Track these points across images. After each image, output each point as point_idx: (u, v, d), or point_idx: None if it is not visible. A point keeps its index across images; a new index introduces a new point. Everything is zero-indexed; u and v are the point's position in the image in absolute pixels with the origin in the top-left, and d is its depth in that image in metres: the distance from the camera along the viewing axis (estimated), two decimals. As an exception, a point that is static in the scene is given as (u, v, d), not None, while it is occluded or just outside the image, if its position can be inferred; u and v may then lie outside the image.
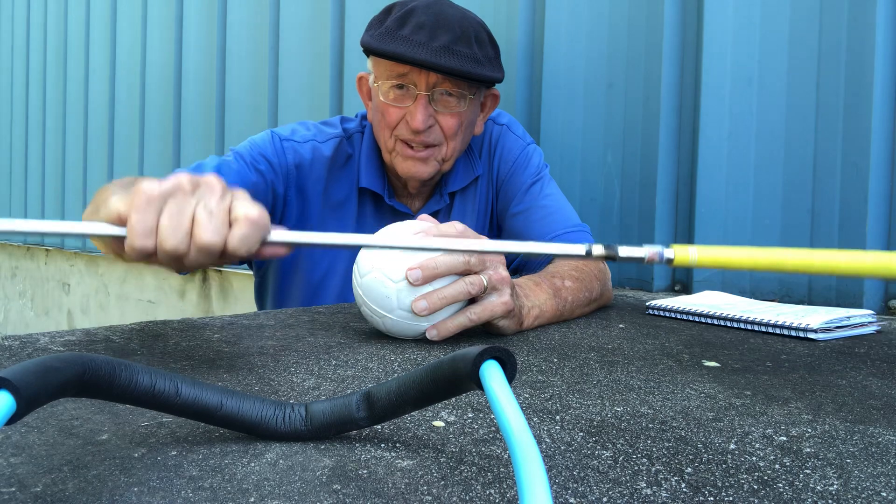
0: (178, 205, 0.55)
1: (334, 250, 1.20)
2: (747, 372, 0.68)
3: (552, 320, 0.91)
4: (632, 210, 1.48)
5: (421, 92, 1.08)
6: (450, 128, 1.11)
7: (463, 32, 1.07)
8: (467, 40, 1.07)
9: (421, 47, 1.04)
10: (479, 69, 1.07)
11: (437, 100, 1.10)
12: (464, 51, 1.06)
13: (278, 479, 0.38)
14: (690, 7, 1.40)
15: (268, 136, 1.16)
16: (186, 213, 0.55)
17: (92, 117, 3.05)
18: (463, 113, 1.12)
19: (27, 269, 3.59)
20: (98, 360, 0.39)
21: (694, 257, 0.58)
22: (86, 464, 0.40)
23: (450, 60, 1.05)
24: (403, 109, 1.10)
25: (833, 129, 1.24)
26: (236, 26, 2.35)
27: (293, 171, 1.16)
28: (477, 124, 1.19)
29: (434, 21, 1.06)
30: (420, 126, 1.08)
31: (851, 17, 1.22)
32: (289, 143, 1.16)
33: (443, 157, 1.14)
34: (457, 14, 1.10)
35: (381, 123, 1.13)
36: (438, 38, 1.05)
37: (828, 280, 1.25)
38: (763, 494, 0.38)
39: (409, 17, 1.07)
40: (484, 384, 0.37)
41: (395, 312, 0.75)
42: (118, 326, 0.78)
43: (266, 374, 0.61)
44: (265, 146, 1.14)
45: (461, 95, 1.10)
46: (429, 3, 1.10)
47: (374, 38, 1.09)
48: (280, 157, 1.14)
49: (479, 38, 1.10)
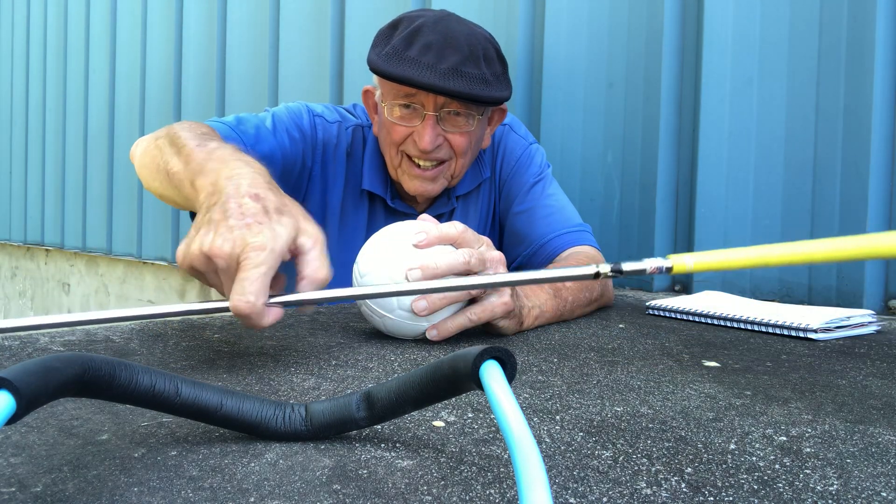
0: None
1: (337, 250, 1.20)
2: (747, 372, 0.68)
3: (552, 320, 0.91)
4: (632, 210, 1.48)
5: (429, 112, 1.07)
6: (459, 146, 1.10)
7: (471, 52, 1.05)
8: (476, 60, 1.05)
9: (429, 70, 1.02)
10: (487, 91, 1.05)
11: (444, 119, 1.08)
12: (472, 72, 1.04)
13: (278, 479, 0.38)
14: (690, 7, 1.40)
15: (303, 107, 1.17)
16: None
17: (92, 117, 3.05)
18: (472, 132, 1.11)
19: (27, 269, 3.59)
20: (98, 360, 0.39)
21: (690, 265, 0.62)
22: (86, 464, 0.40)
23: (458, 84, 1.03)
24: (411, 128, 1.09)
25: (833, 129, 1.24)
26: (236, 25, 2.35)
27: (320, 147, 1.16)
28: (484, 138, 1.18)
29: (442, 41, 1.04)
30: (428, 147, 1.07)
31: (851, 18, 1.22)
32: (320, 119, 1.17)
33: (452, 174, 1.14)
34: (464, 31, 1.07)
35: (386, 140, 1.12)
36: (447, 59, 1.03)
37: (828, 280, 1.25)
38: (763, 494, 0.38)
39: (417, 36, 1.05)
40: (484, 384, 0.37)
41: (395, 312, 0.75)
42: (118, 326, 0.78)
43: (266, 374, 0.61)
44: (301, 117, 1.15)
45: (469, 115, 1.09)
46: (436, 19, 1.07)
47: (381, 59, 1.06)
48: (312, 130, 1.15)
49: (488, 56, 1.08)
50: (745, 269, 1.34)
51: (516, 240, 1.21)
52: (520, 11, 1.63)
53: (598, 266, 0.60)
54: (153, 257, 2.71)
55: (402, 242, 0.76)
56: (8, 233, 3.69)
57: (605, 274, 0.60)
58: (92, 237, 3.06)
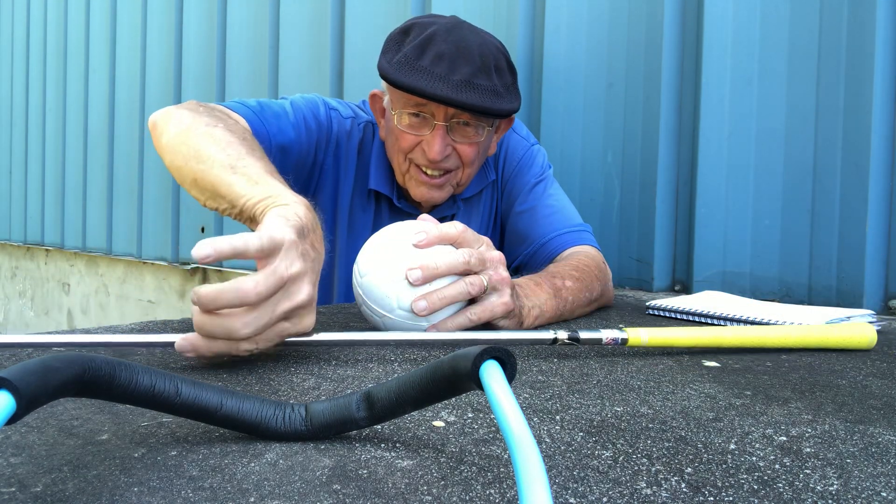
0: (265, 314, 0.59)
1: (340, 250, 1.20)
2: (747, 372, 0.68)
3: (552, 320, 0.91)
4: (632, 210, 1.48)
5: (439, 122, 1.07)
6: (467, 156, 1.10)
7: (483, 63, 1.04)
8: (487, 71, 1.05)
9: (440, 81, 1.02)
10: (498, 103, 1.05)
11: (454, 129, 1.08)
12: (484, 84, 1.04)
13: (278, 479, 0.38)
14: (690, 7, 1.40)
15: (318, 99, 1.17)
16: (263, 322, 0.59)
17: (92, 117, 3.05)
18: (481, 142, 1.11)
19: (27, 269, 3.59)
20: (98, 360, 0.39)
21: (644, 339, 0.71)
22: (86, 464, 0.40)
23: (470, 96, 1.02)
24: (420, 137, 1.09)
25: (833, 129, 1.24)
26: (236, 26, 2.35)
27: (334, 140, 1.16)
28: (491, 146, 1.19)
29: (454, 51, 1.03)
30: (437, 157, 1.07)
31: (851, 17, 1.22)
32: (335, 112, 1.17)
33: (458, 182, 1.14)
34: (477, 41, 1.06)
35: (394, 147, 1.12)
36: (458, 70, 1.02)
37: (828, 280, 1.25)
38: (763, 494, 0.38)
39: (429, 45, 1.04)
40: (484, 384, 0.37)
41: (395, 312, 0.75)
42: (118, 326, 0.78)
43: (266, 374, 0.61)
44: (317, 108, 1.15)
45: (479, 126, 1.09)
46: (449, 27, 1.07)
47: (392, 67, 1.05)
48: (328, 122, 1.15)
49: (499, 67, 1.07)
50: (746, 270, 1.34)
51: (517, 239, 1.21)
52: (520, 11, 1.63)
53: (556, 332, 0.69)
54: (153, 257, 2.71)
55: (402, 242, 0.76)
56: (8, 233, 3.69)
57: (563, 340, 0.67)
58: (92, 237, 3.06)
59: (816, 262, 1.27)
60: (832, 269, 1.25)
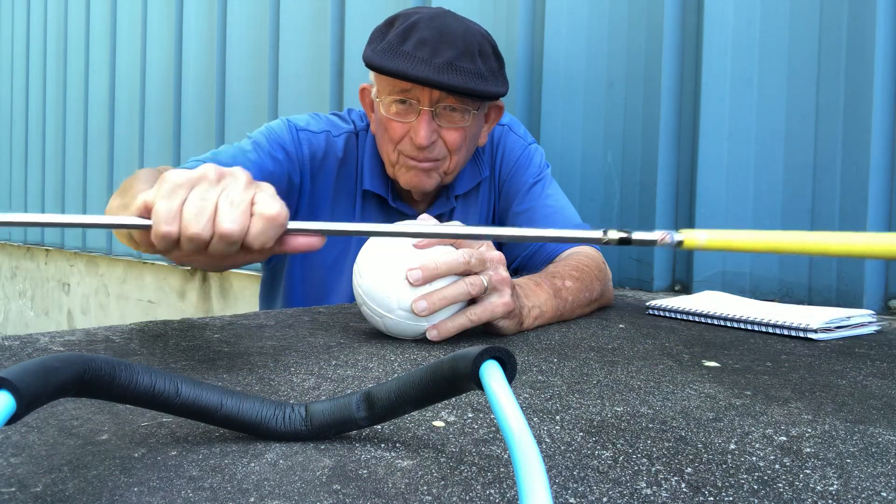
0: (202, 192, 0.56)
1: (344, 250, 1.20)
2: (747, 372, 0.68)
3: (552, 320, 0.91)
4: (632, 210, 1.48)
5: (424, 108, 1.07)
6: (453, 142, 1.10)
7: (466, 47, 1.05)
8: (471, 55, 1.05)
9: (423, 64, 1.03)
10: (482, 85, 1.05)
11: (440, 115, 1.08)
12: (467, 66, 1.05)
13: (278, 479, 0.38)
14: (690, 7, 1.40)
15: (284, 124, 1.16)
16: (210, 201, 0.56)
17: (92, 117, 3.05)
18: (467, 128, 1.11)
19: (27, 269, 3.59)
20: (98, 360, 0.39)
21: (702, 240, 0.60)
22: (86, 464, 0.40)
23: (453, 77, 1.03)
24: (407, 125, 1.09)
25: (833, 129, 1.24)
26: (236, 26, 2.35)
27: (308, 161, 1.16)
28: (481, 136, 1.18)
29: (437, 36, 1.04)
30: (424, 142, 1.07)
31: (851, 18, 1.22)
32: (304, 133, 1.16)
33: (445, 171, 1.13)
34: (460, 27, 1.07)
35: (384, 137, 1.12)
36: (441, 53, 1.03)
37: (828, 280, 1.25)
38: (763, 494, 0.38)
39: (412, 31, 1.05)
40: (484, 384, 0.37)
41: (395, 312, 0.75)
42: (118, 326, 0.78)
43: (266, 374, 0.61)
44: (283, 135, 1.14)
45: (465, 110, 1.09)
46: (432, 15, 1.08)
47: (376, 54, 1.07)
48: (297, 146, 1.15)
49: (483, 52, 1.08)
50: (746, 269, 1.34)
51: None
52: (520, 11, 1.63)
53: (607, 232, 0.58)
54: (153, 257, 2.71)
55: (402, 242, 0.76)
56: (8, 233, 3.69)
57: (613, 239, 0.59)
58: (92, 237, 3.06)
59: (816, 262, 1.27)
60: (832, 269, 1.25)
